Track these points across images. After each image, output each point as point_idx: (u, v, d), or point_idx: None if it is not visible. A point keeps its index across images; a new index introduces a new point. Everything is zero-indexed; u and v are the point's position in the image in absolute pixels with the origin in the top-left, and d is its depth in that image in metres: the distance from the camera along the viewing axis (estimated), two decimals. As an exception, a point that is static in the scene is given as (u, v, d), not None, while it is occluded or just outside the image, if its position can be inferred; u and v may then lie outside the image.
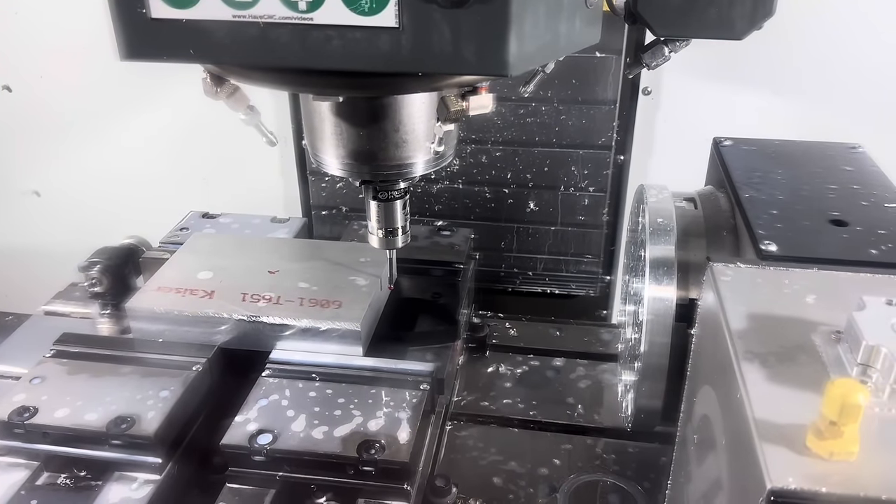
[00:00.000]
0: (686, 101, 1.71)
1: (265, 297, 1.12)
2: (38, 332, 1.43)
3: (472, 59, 0.70)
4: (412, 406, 1.00)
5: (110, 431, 0.95)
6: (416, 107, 0.88)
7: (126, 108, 1.96)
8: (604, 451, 1.17)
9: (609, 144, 1.63)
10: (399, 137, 0.90)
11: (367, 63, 0.71)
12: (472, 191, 1.72)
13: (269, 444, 0.93)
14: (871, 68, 1.61)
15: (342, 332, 1.08)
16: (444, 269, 1.33)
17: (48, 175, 2.12)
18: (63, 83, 1.94)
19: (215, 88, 0.88)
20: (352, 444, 0.93)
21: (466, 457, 1.15)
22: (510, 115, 1.63)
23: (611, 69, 1.55)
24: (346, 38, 0.70)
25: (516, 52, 0.70)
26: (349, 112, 0.89)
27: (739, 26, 0.92)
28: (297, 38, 0.71)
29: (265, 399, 1.01)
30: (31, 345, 1.38)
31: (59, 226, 2.18)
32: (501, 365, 1.36)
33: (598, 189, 1.68)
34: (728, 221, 0.97)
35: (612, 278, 1.79)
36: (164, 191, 2.05)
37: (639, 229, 1.04)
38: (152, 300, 1.12)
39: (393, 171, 0.93)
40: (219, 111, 0.93)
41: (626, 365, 1.08)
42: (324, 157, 0.94)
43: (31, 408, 0.99)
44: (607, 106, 1.59)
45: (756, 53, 1.63)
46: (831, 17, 1.58)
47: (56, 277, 2.20)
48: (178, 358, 1.07)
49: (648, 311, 0.92)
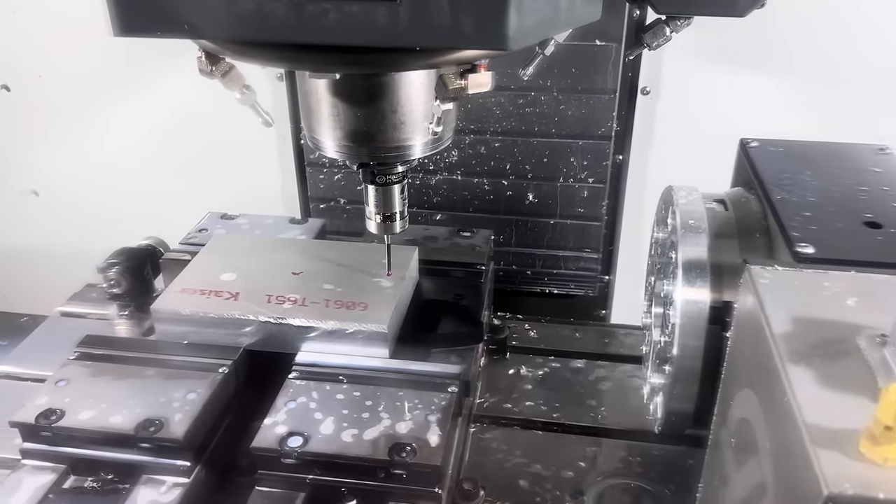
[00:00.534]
0: (684, 101, 1.71)
1: (290, 298, 1.11)
2: (55, 333, 1.42)
3: (470, 32, 0.69)
4: (441, 408, 0.99)
5: (138, 434, 0.94)
6: (415, 87, 0.87)
7: (123, 106, 1.96)
8: (629, 454, 1.16)
9: (609, 135, 1.62)
10: (397, 118, 0.89)
11: (365, 37, 0.70)
12: (471, 182, 1.71)
13: (299, 446, 0.93)
14: (873, 65, 1.59)
15: (369, 334, 1.07)
16: (466, 270, 1.33)
17: (47, 174, 2.11)
18: (61, 83, 1.94)
19: (210, 67, 0.87)
20: (382, 446, 0.93)
21: (491, 459, 1.15)
22: (509, 104, 1.62)
23: (611, 58, 1.54)
24: (342, 12, 0.69)
25: (516, 26, 0.69)
26: (346, 92, 0.88)
27: (742, 3, 0.92)
28: (292, 13, 0.70)
29: (293, 401, 1.00)
30: (50, 346, 1.37)
31: (57, 225, 2.18)
32: (522, 367, 1.35)
33: (597, 181, 1.67)
34: (760, 223, 0.96)
35: (611, 278, 1.80)
36: (160, 186, 2.05)
37: (668, 231, 1.04)
38: (177, 302, 1.11)
39: (391, 153, 0.92)
40: (216, 104, 0.93)
41: (654, 367, 1.08)
42: (321, 140, 0.93)
43: (58, 410, 0.98)
44: (607, 95, 1.58)
45: (754, 53, 1.62)
46: (831, 17, 1.57)
47: (56, 277, 2.21)
48: (203, 360, 1.07)
49: (681, 314, 0.91)
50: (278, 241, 1.32)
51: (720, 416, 0.89)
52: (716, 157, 1.69)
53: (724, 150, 1.69)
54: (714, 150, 1.69)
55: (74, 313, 1.49)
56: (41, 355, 1.33)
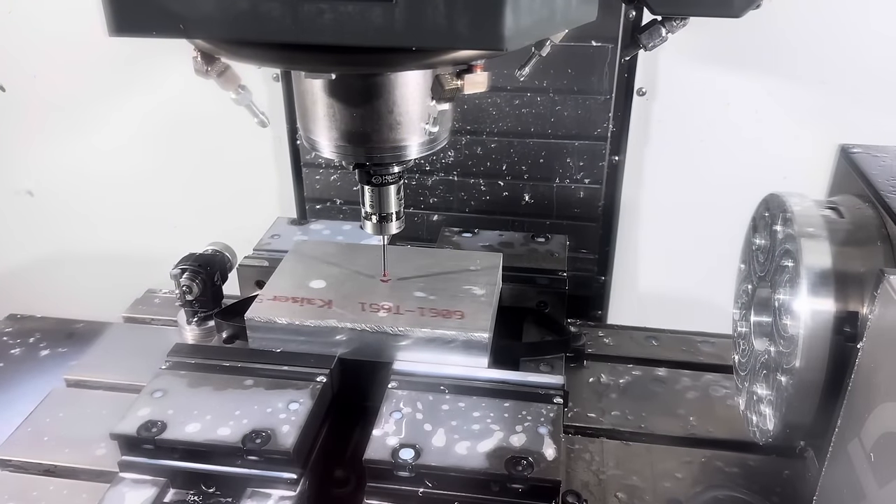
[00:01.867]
0: (680, 102, 1.71)
1: (384, 306, 1.09)
2: (124, 340, 1.41)
3: (466, 32, 0.68)
4: (550, 420, 0.97)
5: (247, 447, 0.92)
6: (411, 87, 0.87)
7: (118, 105, 1.94)
8: (725, 465, 1.14)
9: (604, 136, 1.63)
10: (393, 119, 0.88)
11: (360, 37, 0.70)
12: (467, 183, 1.73)
13: (412, 459, 0.91)
14: (871, 65, 1.58)
15: (468, 343, 1.05)
16: (549, 277, 1.31)
17: (42, 174, 2.09)
18: (56, 83, 1.92)
19: (206, 67, 0.86)
20: (498, 460, 0.91)
21: (585, 471, 1.13)
22: (505, 105, 1.63)
23: (606, 58, 1.55)
24: (338, 12, 0.69)
25: (512, 26, 0.68)
26: (342, 92, 0.87)
27: (738, 3, 0.91)
28: (288, 12, 0.70)
29: (398, 412, 0.98)
30: (121, 352, 1.36)
31: (54, 227, 2.17)
32: (602, 375, 1.33)
33: (593, 181, 1.69)
34: (879, 231, 0.94)
35: (607, 278, 1.81)
36: (156, 185, 2.04)
37: (773, 237, 1.02)
38: (271, 311, 1.09)
39: (387, 154, 0.91)
40: (211, 105, 0.92)
41: (756, 377, 1.05)
42: (317, 140, 0.93)
43: (159, 422, 0.96)
44: (603, 96, 1.60)
45: (750, 54, 1.62)
46: (828, 17, 1.56)
47: (55, 280, 2.19)
48: (299, 369, 1.05)
49: (806, 325, 0.89)
50: (359, 246, 1.31)
51: (848, 429, 0.87)
52: (712, 158, 1.74)
53: (720, 151, 1.72)
54: (710, 152, 1.74)
55: (138, 319, 1.48)
56: (111, 361, 1.32)
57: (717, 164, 1.75)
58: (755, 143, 1.71)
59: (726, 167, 1.74)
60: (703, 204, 1.79)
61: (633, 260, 1.91)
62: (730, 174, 1.73)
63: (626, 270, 1.90)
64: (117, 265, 2.12)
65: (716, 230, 1.36)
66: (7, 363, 1.52)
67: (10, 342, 1.58)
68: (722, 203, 1.66)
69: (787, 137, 1.69)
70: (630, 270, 1.91)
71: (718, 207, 1.66)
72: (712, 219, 1.71)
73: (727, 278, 1.24)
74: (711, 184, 1.76)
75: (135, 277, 1.58)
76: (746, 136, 1.71)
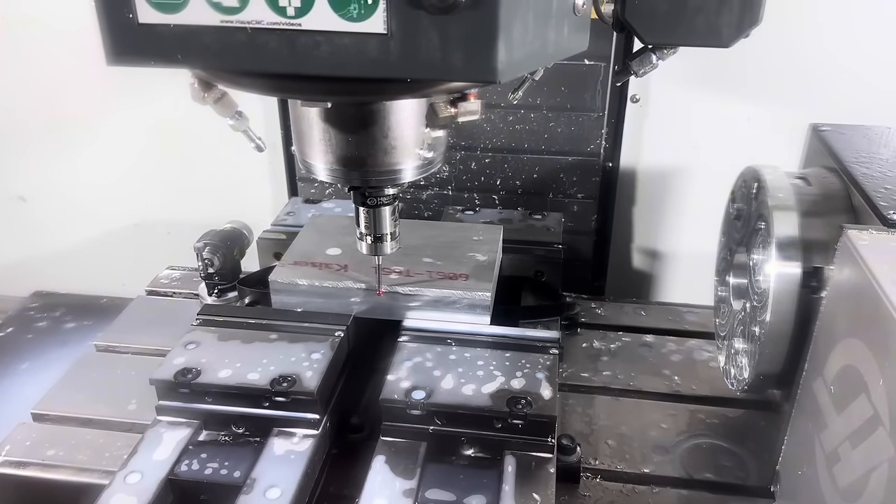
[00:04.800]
0: (674, 109, 1.74)
1: (396, 269, 1.20)
2: (148, 311, 1.50)
3: (460, 65, 0.70)
4: (547, 367, 1.07)
5: (275, 389, 1.02)
6: (406, 113, 0.89)
7: (112, 116, 1.98)
8: (706, 417, 1.25)
9: (598, 152, 1.67)
10: (388, 143, 0.90)
11: (356, 69, 0.71)
12: (462, 197, 1.76)
13: (424, 399, 1.01)
14: (855, 73, 1.62)
15: (472, 302, 1.15)
16: (546, 249, 1.41)
17: (36, 181, 2.13)
18: (51, 93, 1.96)
19: (203, 94, 0.88)
20: (500, 399, 1.01)
21: (579, 422, 1.23)
22: (499, 121, 1.66)
23: (599, 77, 1.60)
24: (334, 44, 0.70)
25: (505, 59, 0.70)
26: (338, 118, 0.89)
27: (726, 34, 0.94)
28: (285, 44, 0.71)
29: (409, 360, 1.08)
30: (146, 322, 1.45)
31: (49, 233, 2.20)
32: (594, 341, 1.43)
33: (586, 196, 1.73)
34: (845, 200, 1.05)
35: (602, 284, 1.87)
36: (150, 196, 2.08)
37: (751, 205, 1.12)
38: (293, 273, 1.19)
39: (382, 178, 0.93)
40: (206, 117, 0.93)
41: (735, 334, 1.16)
42: (312, 163, 0.94)
43: (194, 369, 1.06)
44: (596, 113, 1.64)
45: (743, 62, 1.65)
46: (815, 26, 1.61)
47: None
48: (319, 325, 1.15)
49: (775, 279, 0.99)
50: None
51: (813, 371, 0.97)
52: (708, 163, 1.78)
53: (715, 157, 1.75)
54: (705, 158, 1.78)
55: (161, 292, 1.57)
56: (138, 328, 1.41)
57: (712, 168, 1.74)
58: (747, 149, 1.72)
59: (720, 172, 1.79)
60: (698, 209, 1.83)
61: (627, 272, 1.97)
62: (723, 181, 1.79)
63: (621, 282, 1.95)
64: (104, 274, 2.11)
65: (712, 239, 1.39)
66: (35, 335, 1.62)
67: (36, 316, 1.68)
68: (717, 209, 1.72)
69: (779, 146, 1.70)
70: (624, 282, 1.97)
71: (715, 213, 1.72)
72: (708, 225, 1.76)
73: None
74: (710, 188, 1.81)
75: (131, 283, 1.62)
76: (740, 141, 1.75)
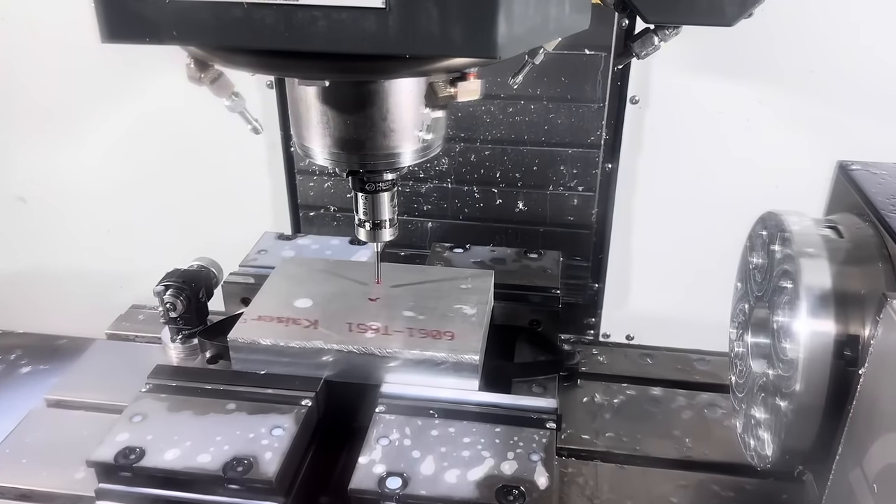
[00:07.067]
0: (673, 110, 1.71)
1: (372, 326, 1.06)
2: (106, 357, 1.37)
3: (460, 40, 0.69)
4: (543, 447, 0.94)
5: (227, 475, 0.89)
6: (405, 94, 0.87)
7: (108, 113, 1.93)
8: (721, 489, 1.11)
9: (598, 143, 1.64)
10: (387, 126, 0.88)
11: (354, 45, 0.70)
12: (461, 190, 1.73)
13: (399, 488, 0.88)
14: (859, 73, 1.58)
15: (458, 365, 1.02)
16: (541, 295, 1.28)
17: (34, 181, 2.07)
18: (48, 90, 1.91)
19: (199, 74, 0.86)
20: (488, 489, 0.88)
21: (579, 495, 1.10)
22: (499, 113, 1.63)
23: (599, 67, 1.56)
24: (331, 19, 0.69)
25: (505, 34, 0.69)
26: (336, 99, 0.87)
27: (730, 12, 0.91)
28: (281, 19, 0.70)
29: (385, 438, 0.95)
30: (103, 371, 1.32)
31: (43, 235, 2.14)
32: (596, 394, 1.30)
33: (586, 189, 1.69)
34: (880, 251, 0.92)
35: (601, 286, 1.81)
36: (146, 193, 2.02)
37: (771, 257, 0.99)
38: (255, 331, 1.06)
39: (380, 161, 0.91)
40: (205, 111, 0.91)
41: (754, 400, 1.03)
42: (310, 147, 0.92)
43: (137, 449, 0.93)
44: (596, 104, 1.60)
45: (743, 62, 1.62)
46: (821, 26, 1.57)
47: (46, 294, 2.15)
48: (284, 392, 1.02)
49: (805, 348, 0.86)
50: (347, 263, 1.28)
51: (849, 458, 0.84)
52: (704, 165, 1.74)
53: (712, 158, 1.73)
54: (702, 159, 1.74)
55: (122, 336, 1.44)
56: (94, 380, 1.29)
57: (710, 171, 1.75)
58: (747, 151, 1.71)
59: (719, 174, 1.74)
60: (697, 208, 1.79)
61: (626, 268, 1.90)
62: (722, 183, 1.73)
63: (620, 278, 1.89)
64: (105, 275, 2.10)
65: (710, 238, 1.34)
66: (-15, 380, 1.49)
67: (-12, 358, 1.55)
68: (715, 208, 1.69)
69: (778, 146, 1.69)
70: (623, 278, 1.91)
71: (712, 213, 1.69)
72: (707, 225, 1.73)
73: (721, 285, 1.22)
74: (707, 189, 1.75)
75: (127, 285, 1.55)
76: (738, 144, 1.71)
